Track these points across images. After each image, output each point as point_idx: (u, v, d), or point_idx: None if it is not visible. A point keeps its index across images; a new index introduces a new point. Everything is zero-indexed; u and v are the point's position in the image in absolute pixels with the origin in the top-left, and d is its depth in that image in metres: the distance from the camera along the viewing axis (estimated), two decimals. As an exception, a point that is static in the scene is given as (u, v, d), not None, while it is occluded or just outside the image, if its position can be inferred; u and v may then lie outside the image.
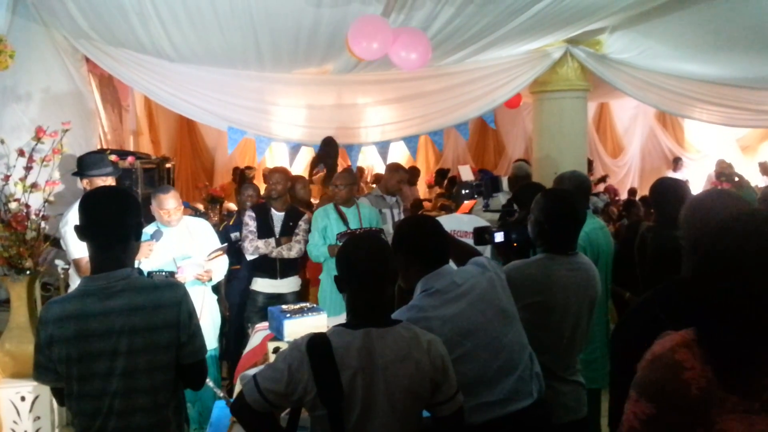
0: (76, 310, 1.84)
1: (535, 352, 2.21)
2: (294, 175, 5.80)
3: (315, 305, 3.46)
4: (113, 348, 1.83)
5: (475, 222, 4.13)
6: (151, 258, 3.60)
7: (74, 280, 3.79)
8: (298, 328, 2.97)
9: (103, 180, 3.72)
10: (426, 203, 7.77)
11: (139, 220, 2.00)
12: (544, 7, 4.70)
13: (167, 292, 1.92)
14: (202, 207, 6.48)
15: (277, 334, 3.14)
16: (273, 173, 4.72)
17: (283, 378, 1.70)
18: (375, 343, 1.73)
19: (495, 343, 2.09)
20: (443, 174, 9.49)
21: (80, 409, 1.87)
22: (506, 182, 6.05)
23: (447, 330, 2.00)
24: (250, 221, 4.53)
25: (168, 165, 5.83)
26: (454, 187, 7.17)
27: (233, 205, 6.76)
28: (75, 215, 2.01)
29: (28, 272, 3.48)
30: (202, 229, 4.04)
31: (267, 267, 4.51)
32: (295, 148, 6.56)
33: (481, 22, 4.98)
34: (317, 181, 6.60)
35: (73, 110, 4.76)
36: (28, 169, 3.53)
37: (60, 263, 3.92)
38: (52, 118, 3.95)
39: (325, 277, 4.38)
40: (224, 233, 4.76)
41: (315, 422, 1.75)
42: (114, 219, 1.91)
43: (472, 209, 5.04)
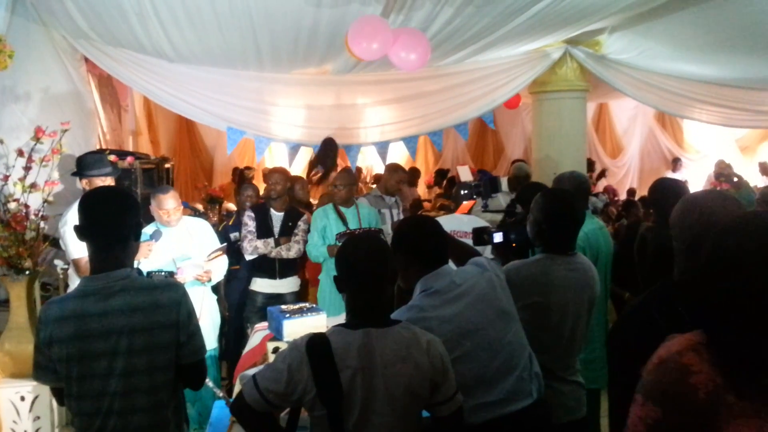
0: (75, 310, 1.84)
1: (534, 352, 2.21)
2: (293, 176, 5.80)
3: (314, 305, 3.46)
4: (113, 348, 1.83)
5: (474, 222, 4.13)
6: (150, 258, 3.61)
7: (73, 280, 3.79)
8: (298, 328, 2.98)
9: (102, 180, 3.73)
10: (426, 203, 7.77)
11: (138, 220, 2.00)
12: (544, 7, 4.70)
13: (167, 292, 1.92)
14: (202, 207, 6.48)
15: (276, 334, 3.14)
16: (272, 173, 4.72)
17: (282, 378, 1.70)
18: (374, 343, 1.73)
19: (494, 343, 2.09)
20: (443, 174, 9.50)
21: (80, 409, 1.87)
22: (506, 183, 6.06)
23: (446, 330, 2.00)
24: (249, 221, 4.53)
25: (167, 165, 5.82)
26: (453, 188, 7.17)
27: (232, 205, 6.76)
28: (74, 215, 2.01)
29: (27, 272, 3.47)
30: (202, 230, 4.04)
31: (266, 267, 4.51)
32: (294, 148, 6.55)
33: (481, 22, 4.98)
34: (315, 181, 6.60)
35: (72, 110, 4.75)
36: (28, 169, 3.53)
37: (59, 263, 3.92)
38: (51, 118, 3.95)
39: (325, 278, 4.38)
40: (223, 233, 4.76)
41: (314, 422, 1.75)
42: (113, 219, 1.91)
43: (471, 210, 5.03)
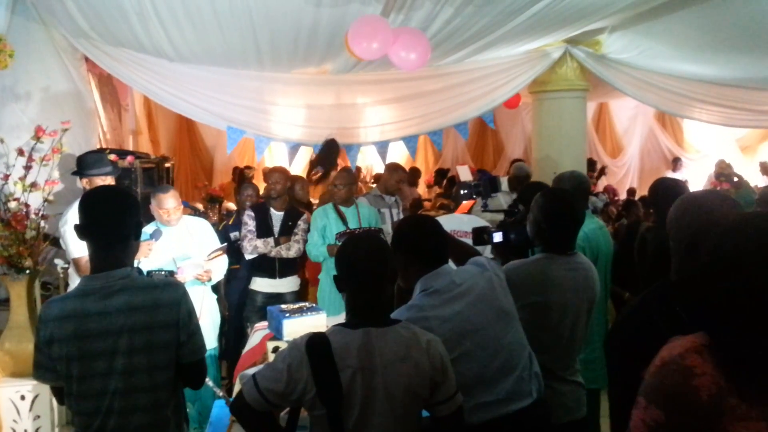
0: (75, 309, 1.84)
1: (534, 352, 2.21)
2: (293, 176, 5.80)
3: (314, 305, 3.46)
4: (113, 347, 1.83)
5: (475, 222, 4.13)
6: (150, 257, 3.61)
7: (74, 280, 3.80)
8: (298, 327, 2.97)
9: (102, 179, 3.73)
10: (426, 203, 7.76)
11: (138, 219, 2.00)
12: (544, 7, 4.70)
13: (167, 292, 1.92)
14: (202, 206, 6.48)
15: (276, 334, 3.14)
16: (272, 173, 4.72)
17: (282, 377, 1.70)
18: (374, 343, 1.73)
19: (494, 343, 2.09)
20: (443, 174, 9.49)
21: (80, 408, 1.88)
22: (506, 182, 6.06)
23: (446, 330, 2.00)
24: (249, 221, 4.53)
25: (167, 164, 5.82)
26: (453, 187, 7.16)
27: (232, 204, 6.76)
28: (74, 214, 2.01)
29: (27, 271, 3.48)
30: (202, 229, 4.04)
31: (266, 267, 4.51)
32: (294, 147, 6.55)
33: (481, 22, 4.98)
34: (315, 181, 6.59)
35: (73, 110, 4.75)
36: (28, 168, 3.54)
37: (59, 262, 3.92)
38: (52, 118, 3.95)
39: (325, 277, 4.38)
40: (224, 233, 4.76)
41: (314, 422, 1.76)
42: (113, 218, 1.91)
43: (471, 209, 5.03)
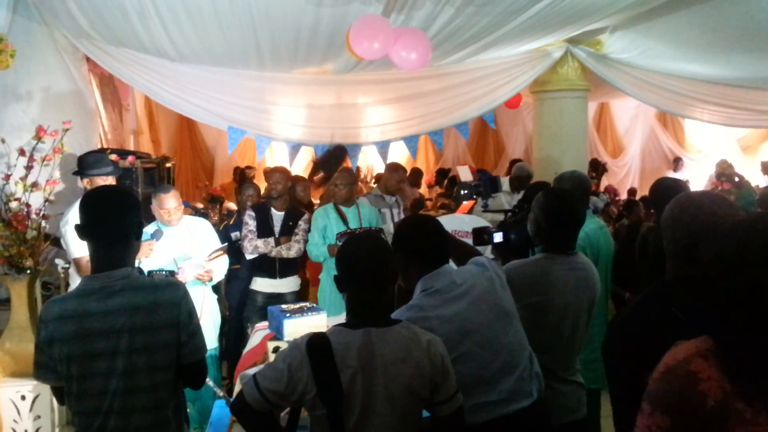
0: (76, 309, 1.84)
1: (534, 352, 2.21)
2: (294, 176, 5.81)
3: (315, 305, 3.46)
4: (113, 347, 1.83)
5: (476, 222, 4.13)
6: (151, 257, 3.61)
7: (74, 280, 3.80)
8: (298, 327, 2.97)
9: (103, 179, 3.73)
10: (428, 203, 7.76)
11: (139, 219, 2.00)
12: (544, 7, 4.70)
13: (167, 292, 1.92)
14: (203, 206, 6.48)
15: (276, 334, 3.14)
16: (273, 173, 4.73)
17: (282, 377, 1.70)
18: (375, 343, 1.73)
19: (495, 343, 2.09)
20: (444, 174, 9.48)
21: (80, 408, 1.88)
22: (507, 182, 6.06)
23: (447, 329, 1.99)
24: (249, 221, 4.53)
25: (168, 164, 5.83)
26: (454, 187, 7.16)
27: (233, 204, 6.76)
28: (75, 214, 2.01)
29: (28, 271, 3.48)
30: (203, 229, 4.05)
31: (266, 266, 4.51)
32: (295, 147, 6.56)
33: (481, 22, 4.98)
34: (317, 181, 6.60)
35: (74, 109, 4.76)
36: (29, 168, 3.54)
37: (60, 262, 3.92)
38: (53, 118, 3.95)
39: (325, 277, 4.38)
40: (224, 233, 4.77)
41: (315, 422, 1.76)
42: (114, 218, 1.91)
43: (472, 209, 5.03)
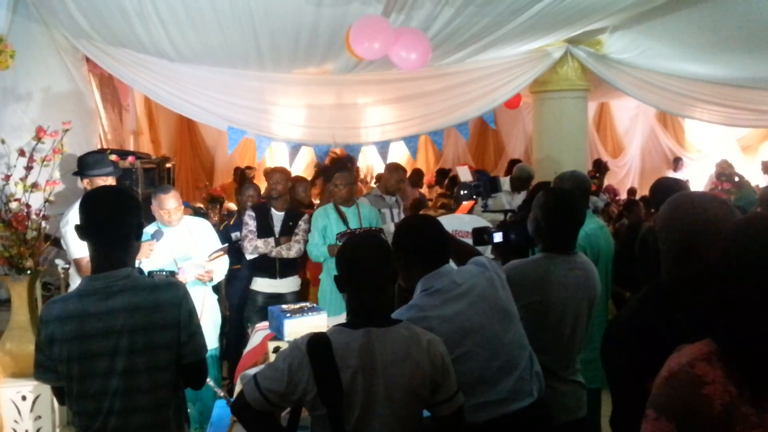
0: (76, 310, 1.84)
1: (534, 351, 2.21)
2: (295, 176, 5.81)
3: (315, 305, 3.46)
4: (113, 347, 1.83)
5: (476, 222, 4.13)
6: (151, 258, 3.61)
7: (74, 280, 3.80)
8: (299, 327, 2.97)
9: (103, 180, 3.73)
10: (429, 203, 7.75)
11: (139, 219, 2.00)
12: (544, 7, 4.70)
13: (168, 292, 1.92)
14: (203, 207, 6.48)
15: (277, 334, 3.14)
16: (273, 173, 4.73)
17: (283, 377, 1.70)
18: (375, 343, 1.73)
19: (495, 343, 2.09)
20: (444, 174, 9.48)
21: (80, 409, 1.87)
22: (508, 183, 6.05)
23: (447, 329, 2.00)
24: (250, 221, 4.53)
25: (168, 165, 5.83)
26: (455, 187, 7.15)
27: (233, 204, 6.76)
28: (75, 215, 2.01)
29: (28, 272, 3.49)
30: (203, 229, 4.05)
31: (267, 267, 4.51)
32: (295, 148, 6.55)
33: (481, 22, 4.98)
34: (319, 185, 6.60)
35: (74, 110, 4.76)
36: (29, 168, 3.54)
37: (60, 263, 3.93)
38: (53, 118, 3.95)
39: (325, 277, 4.38)
40: (225, 233, 4.77)
41: (315, 422, 1.76)
42: (114, 219, 1.91)
43: (472, 209, 5.02)
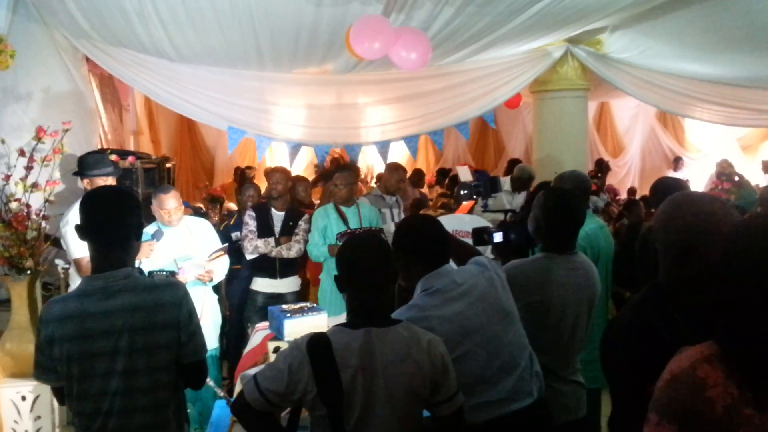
0: (76, 310, 1.84)
1: (534, 351, 2.21)
2: (295, 176, 5.80)
3: (315, 305, 3.46)
4: (113, 347, 1.83)
5: (476, 222, 4.13)
6: (151, 258, 3.61)
7: (74, 280, 3.80)
8: (299, 327, 2.98)
9: (103, 180, 3.73)
10: (430, 203, 7.74)
11: (139, 220, 2.00)
12: (544, 6, 4.70)
13: (168, 292, 1.92)
14: (203, 207, 6.48)
15: (277, 334, 3.14)
16: (273, 173, 4.73)
17: (283, 378, 1.70)
18: (375, 343, 1.73)
19: (495, 343, 2.09)
20: (444, 174, 9.48)
21: (80, 409, 1.87)
22: (508, 182, 6.04)
23: (447, 329, 2.00)
24: (250, 221, 4.53)
25: (168, 165, 5.83)
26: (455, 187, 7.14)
27: (233, 204, 6.76)
28: (75, 215, 2.01)
29: (28, 272, 3.48)
30: (203, 229, 4.04)
31: (267, 267, 4.51)
32: (295, 148, 6.55)
33: (481, 21, 4.97)
34: (321, 188, 6.59)
35: (74, 110, 4.76)
36: (29, 168, 3.54)
37: (60, 263, 3.92)
38: (53, 118, 3.95)
39: (326, 277, 4.38)
40: (225, 233, 4.77)
41: (315, 422, 1.76)
42: (114, 219, 1.91)
43: (472, 209, 5.02)
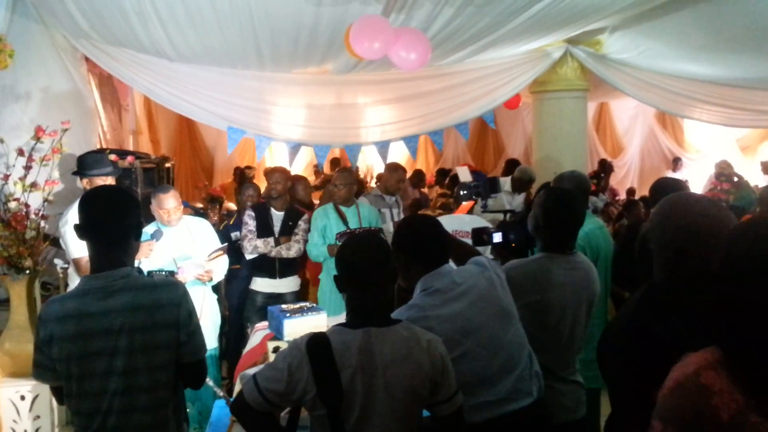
0: (75, 309, 1.84)
1: (534, 351, 2.21)
2: (294, 176, 5.80)
3: (315, 305, 3.46)
4: (113, 347, 1.83)
5: (477, 223, 4.13)
6: (151, 258, 3.61)
7: (73, 280, 3.79)
8: (298, 327, 2.98)
9: (102, 179, 3.73)
10: (430, 203, 7.74)
11: (139, 219, 1.99)
12: (544, 7, 4.70)
13: (167, 291, 1.92)
14: (202, 206, 6.48)
15: (276, 334, 3.14)
16: (273, 173, 4.73)
17: (282, 377, 1.70)
18: (375, 343, 1.73)
19: (495, 342, 2.09)
20: (444, 174, 9.49)
21: (79, 408, 1.87)
22: (509, 183, 6.05)
23: (447, 329, 2.00)
24: (249, 221, 4.53)
25: (167, 164, 5.83)
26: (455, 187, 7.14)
27: (233, 204, 6.76)
28: (75, 215, 2.01)
29: (27, 271, 3.48)
30: (202, 229, 4.04)
31: (266, 267, 4.51)
32: (294, 148, 6.55)
33: (481, 22, 4.97)
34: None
35: (73, 109, 4.75)
36: (28, 168, 3.54)
37: (59, 262, 3.92)
38: (52, 118, 3.95)
39: (325, 277, 4.38)
40: (224, 233, 4.76)
41: (315, 422, 1.75)
42: (114, 218, 1.91)
43: (472, 209, 5.02)
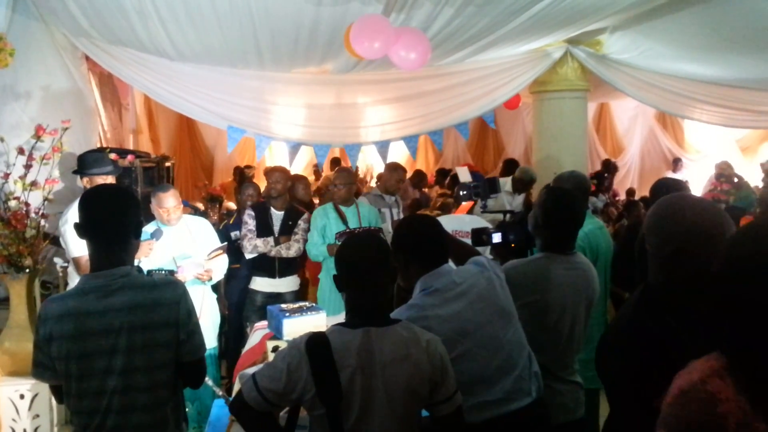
0: (75, 308, 1.84)
1: (533, 351, 2.21)
2: (294, 175, 5.80)
3: (314, 304, 3.46)
4: (112, 346, 1.83)
5: (476, 223, 4.13)
6: (151, 257, 3.61)
7: (73, 279, 3.79)
8: (298, 327, 2.98)
9: (103, 178, 3.72)
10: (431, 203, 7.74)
11: (138, 218, 1.99)
12: (544, 7, 4.70)
13: (166, 290, 1.91)
14: (202, 206, 6.48)
15: (276, 333, 3.14)
16: (273, 172, 4.73)
17: (281, 377, 1.70)
18: (374, 343, 1.73)
19: (494, 342, 2.09)
20: (444, 174, 9.49)
21: (79, 407, 1.87)
22: (509, 183, 6.04)
23: (446, 329, 2.00)
24: (249, 220, 4.53)
25: (168, 164, 5.83)
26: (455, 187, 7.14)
27: (233, 204, 6.76)
28: (75, 213, 2.01)
29: (27, 270, 3.49)
30: (202, 228, 4.04)
31: (266, 266, 4.51)
32: (294, 147, 6.55)
33: (481, 22, 4.97)
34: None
35: (73, 108, 4.75)
36: (28, 167, 3.54)
37: (59, 261, 3.92)
38: (52, 117, 3.95)
39: (325, 277, 4.38)
40: (224, 232, 4.77)
41: (314, 421, 1.76)
42: (114, 217, 1.91)
43: (472, 210, 5.02)
